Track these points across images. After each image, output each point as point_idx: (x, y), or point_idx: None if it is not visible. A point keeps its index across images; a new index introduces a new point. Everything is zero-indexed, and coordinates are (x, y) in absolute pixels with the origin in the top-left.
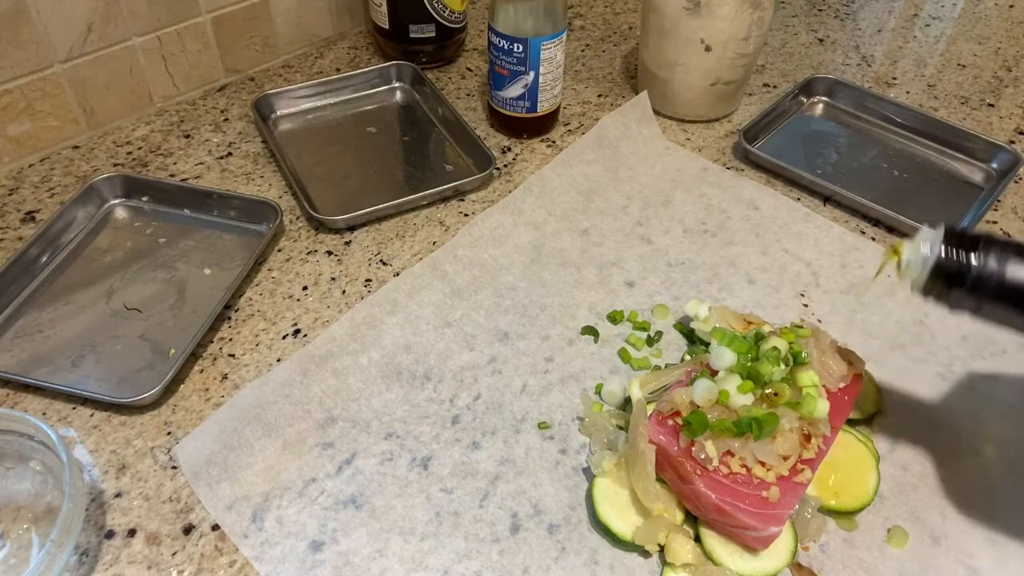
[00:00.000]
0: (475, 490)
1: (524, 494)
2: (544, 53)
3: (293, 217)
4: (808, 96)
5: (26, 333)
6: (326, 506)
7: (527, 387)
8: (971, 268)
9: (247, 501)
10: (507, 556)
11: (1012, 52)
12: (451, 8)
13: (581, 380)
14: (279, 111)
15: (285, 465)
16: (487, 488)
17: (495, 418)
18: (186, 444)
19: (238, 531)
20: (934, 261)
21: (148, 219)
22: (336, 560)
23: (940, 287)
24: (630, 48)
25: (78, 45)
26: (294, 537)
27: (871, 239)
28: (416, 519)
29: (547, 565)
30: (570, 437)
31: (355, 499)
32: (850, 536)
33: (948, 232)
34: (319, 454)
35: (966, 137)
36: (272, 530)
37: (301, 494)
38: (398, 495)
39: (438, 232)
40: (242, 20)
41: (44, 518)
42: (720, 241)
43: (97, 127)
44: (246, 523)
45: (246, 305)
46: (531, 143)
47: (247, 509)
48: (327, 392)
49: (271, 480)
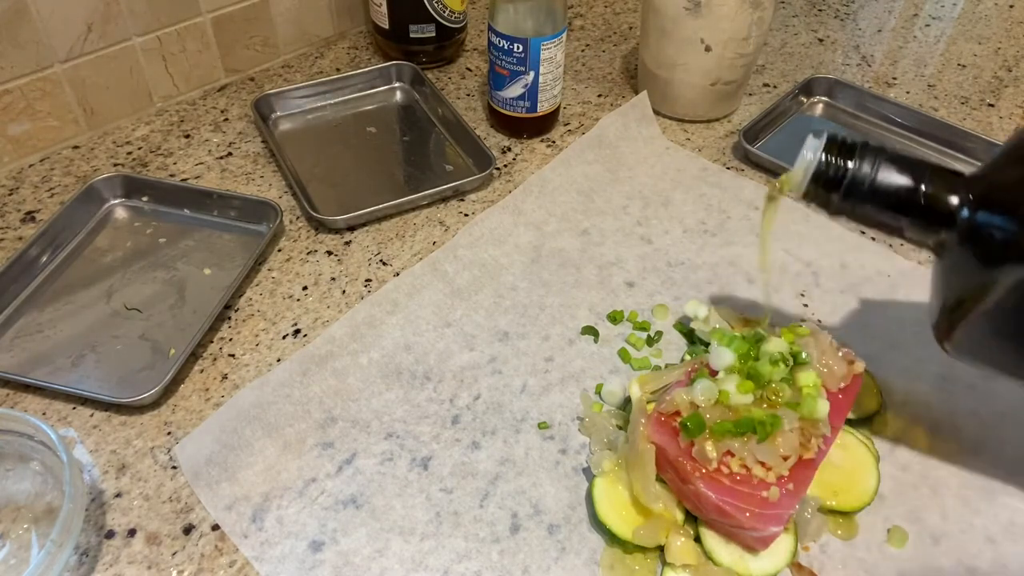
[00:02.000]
0: (475, 490)
1: (524, 494)
2: (544, 53)
3: (293, 217)
4: (808, 96)
5: (26, 333)
6: (326, 506)
7: (527, 387)
8: (847, 172)
9: (247, 501)
10: (507, 556)
11: (1012, 52)
12: (451, 8)
13: (581, 380)
14: (279, 111)
15: (285, 465)
16: (487, 488)
17: (495, 418)
18: (186, 444)
19: (238, 531)
20: (815, 167)
21: (148, 219)
22: (336, 560)
23: (820, 192)
24: (630, 48)
25: (78, 45)
26: (294, 537)
27: (871, 239)
28: (416, 519)
29: (547, 565)
30: (570, 437)
31: (355, 499)
32: (850, 536)
33: (830, 140)
34: (319, 454)
35: (966, 137)
36: (272, 530)
37: (301, 494)
38: (398, 495)
39: (438, 232)
40: (242, 20)
41: (44, 518)
42: (720, 241)
43: (97, 127)
44: (246, 523)
45: (246, 305)
46: (531, 143)
47: (247, 509)
48: (327, 392)
49: (271, 480)
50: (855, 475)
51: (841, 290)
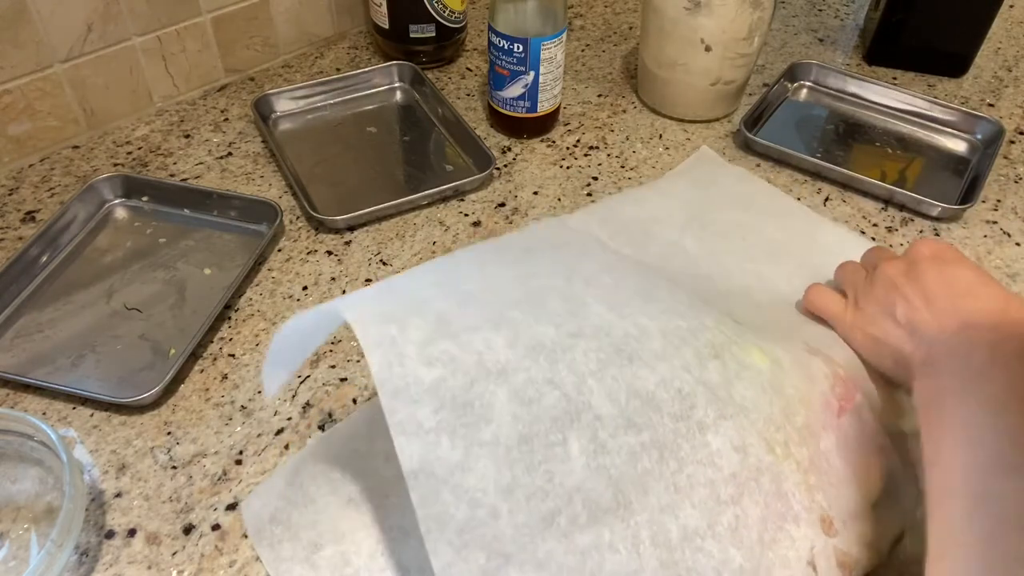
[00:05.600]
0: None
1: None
2: (544, 53)
3: (293, 217)
4: (792, 81)
5: (26, 333)
6: (384, 567)
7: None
8: None
9: (308, 563)
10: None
11: (1012, 52)
12: (451, 8)
13: None
14: (279, 111)
15: (350, 526)
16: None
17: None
18: (251, 500)
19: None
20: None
21: (148, 219)
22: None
23: None
24: (630, 48)
25: (78, 45)
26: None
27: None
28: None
29: None
30: None
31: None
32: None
33: None
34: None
35: (946, 111)
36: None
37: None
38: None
39: (438, 232)
40: (242, 20)
41: (44, 518)
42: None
43: (97, 127)
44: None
45: (246, 305)
46: (531, 143)
47: (307, 571)
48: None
49: (334, 541)
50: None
51: None
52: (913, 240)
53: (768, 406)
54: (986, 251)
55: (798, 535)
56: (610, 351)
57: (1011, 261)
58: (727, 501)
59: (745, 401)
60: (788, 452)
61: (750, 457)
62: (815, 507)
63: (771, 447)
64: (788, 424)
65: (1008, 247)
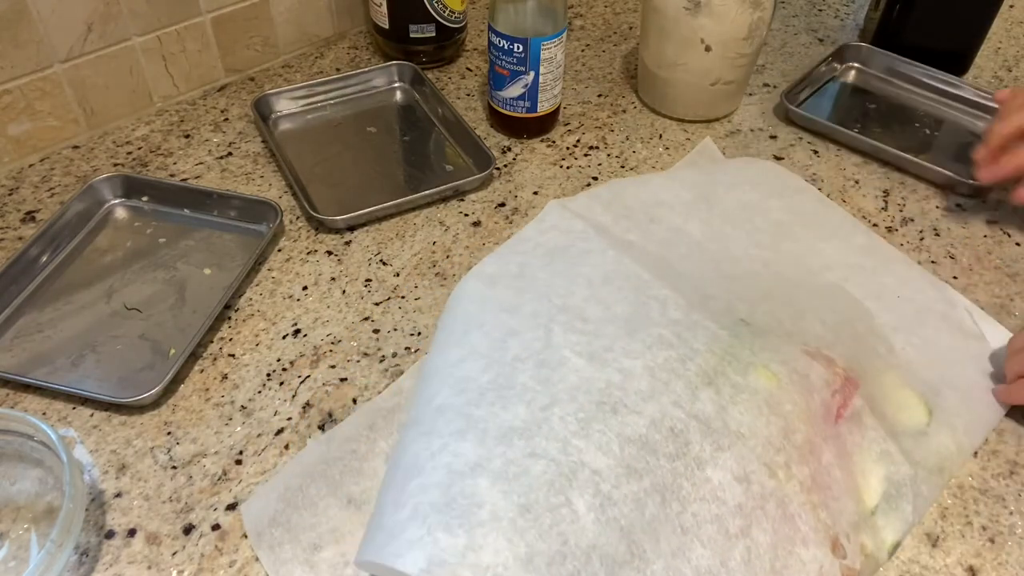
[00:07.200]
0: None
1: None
2: (544, 53)
3: (293, 217)
4: (841, 62)
5: (26, 333)
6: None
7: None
8: None
9: (308, 565)
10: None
11: (1012, 52)
12: (451, 8)
13: None
14: (279, 111)
15: (350, 527)
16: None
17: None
18: (251, 503)
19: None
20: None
21: (148, 219)
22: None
23: None
24: (630, 48)
25: (78, 45)
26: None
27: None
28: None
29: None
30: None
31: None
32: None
33: None
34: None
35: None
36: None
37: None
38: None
39: (438, 232)
40: (242, 20)
41: (44, 518)
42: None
43: (97, 127)
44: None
45: (246, 305)
46: (531, 143)
47: (307, 574)
48: (394, 447)
49: (335, 542)
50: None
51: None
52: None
53: (766, 428)
54: (986, 251)
55: (807, 557)
56: (591, 408)
57: (1011, 261)
58: (736, 534)
59: (742, 427)
60: (790, 474)
61: (753, 485)
62: (821, 526)
63: (773, 471)
64: (788, 444)
65: (1008, 247)
